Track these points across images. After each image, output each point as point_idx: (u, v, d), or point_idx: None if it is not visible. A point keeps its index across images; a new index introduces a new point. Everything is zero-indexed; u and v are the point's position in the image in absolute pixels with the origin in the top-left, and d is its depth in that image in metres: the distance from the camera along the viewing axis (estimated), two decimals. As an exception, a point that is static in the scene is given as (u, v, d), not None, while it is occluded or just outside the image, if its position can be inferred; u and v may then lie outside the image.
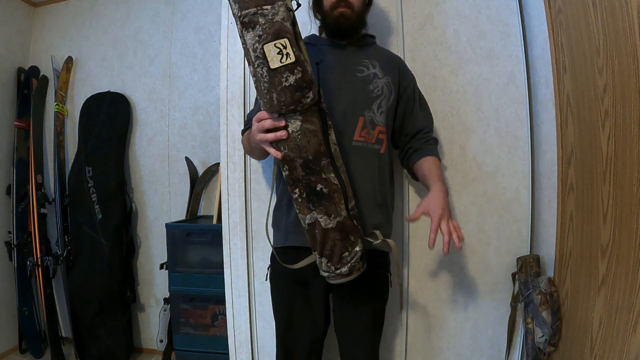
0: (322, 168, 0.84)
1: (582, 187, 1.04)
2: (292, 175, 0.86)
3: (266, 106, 0.82)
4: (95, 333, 1.91)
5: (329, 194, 0.85)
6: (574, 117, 1.07)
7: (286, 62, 0.77)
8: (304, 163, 0.83)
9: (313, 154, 0.83)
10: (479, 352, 1.32)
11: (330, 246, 0.86)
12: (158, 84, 2.06)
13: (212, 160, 1.97)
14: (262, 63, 0.78)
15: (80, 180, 1.98)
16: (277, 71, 0.78)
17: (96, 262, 1.92)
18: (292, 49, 0.77)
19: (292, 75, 0.78)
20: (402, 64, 1.12)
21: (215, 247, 1.62)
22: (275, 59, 0.77)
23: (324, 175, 0.84)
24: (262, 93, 0.81)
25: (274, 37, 0.77)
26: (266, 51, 0.77)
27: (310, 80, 0.80)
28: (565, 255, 1.13)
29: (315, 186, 0.84)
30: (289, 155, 0.84)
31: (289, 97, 0.79)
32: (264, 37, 0.77)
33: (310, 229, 0.88)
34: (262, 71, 0.79)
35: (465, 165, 1.31)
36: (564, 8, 1.09)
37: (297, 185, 0.86)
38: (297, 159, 0.83)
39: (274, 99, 0.80)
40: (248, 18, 0.78)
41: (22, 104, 2.11)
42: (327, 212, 0.85)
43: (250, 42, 0.78)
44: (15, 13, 2.16)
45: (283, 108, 0.80)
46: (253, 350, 1.36)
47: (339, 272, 0.88)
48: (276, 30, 0.77)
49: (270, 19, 0.77)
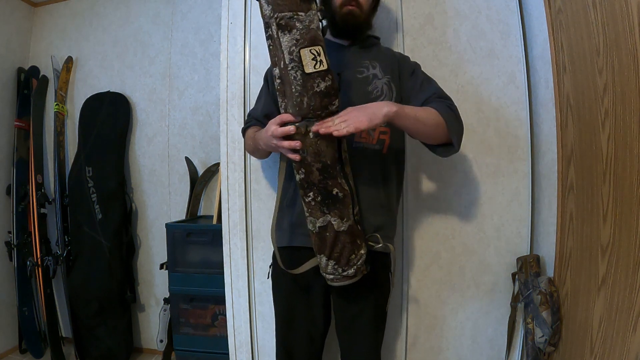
0: (338, 173, 0.87)
1: (582, 187, 1.04)
2: (307, 179, 0.87)
3: (295, 108, 0.84)
4: (95, 333, 1.91)
5: (343, 198, 0.87)
6: (574, 117, 1.07)
7: (319, 68, 0.80)
8: (323, 167, 0.85)
9: (331, 159, 0.85)
10: (479, 352, 1.32)
11: (340, 249, 0.89)
12: (158, 84, 2.06)
13: (212, 160, 1.97)
14: (297, 66, 0.80)
15: (80, 180, 1.98)
16: (311, 76, 0.80)
17: (96, 262, 1.92)
18: (325, 57, 0.81)
19: (323, 82, 0.81)
20: (403, 58, 1.10)
21: (215, 247, 1.62)
22: (310, 64, 0.80)
23: (339, 180, 0.87)
24: (291, 95, 0.83)
25: (310, 43, 0.80)
26: (302, 55, 0.80)
27: (337, 89, 0.84)
28: (565, 255, 1.13)
29: (332, 190, 0.86)
30: (307, 159, 0.85)
31: (318, 103, 0.82)
32: (301, 42, 0.80)
33: (321, 231, 0.89)
34: (295, 74, 0.81)
35: (465, 165, 1.31)
36: (564, 8, 1.09)
37: (311, 188, 0.87)
38: (315, 163, 0.85)
39: (304, 102, 0.82)
40: (284, 21, 0.80)
41: (22, 104, 2.11)
42: (341, 216, 0.87)
43: (286, 44, 0.80)
44: (15, 13, 2.15)
45: (311, 112, 0.83)
46: (253, 350, 1.36)
47: (345, 274, 0.90)
48: (312, 37, 0.80)
49: (307, 25, 0.80)
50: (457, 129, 0.94)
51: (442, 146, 0.98)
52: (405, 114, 0.86)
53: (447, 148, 0.97)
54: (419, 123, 0.90)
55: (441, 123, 0.91)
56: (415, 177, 1.32)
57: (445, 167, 1.30)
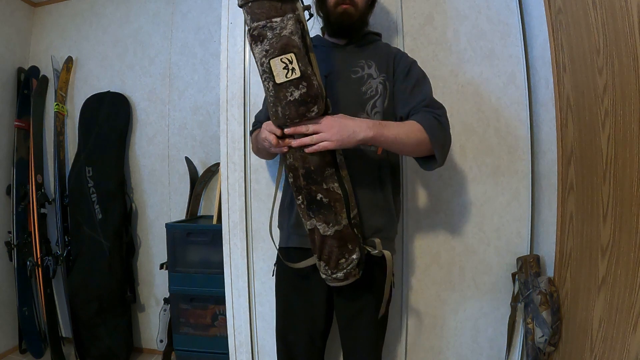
0: (325, 178, 0.86)
1: (582, 187, 1.04)
2: (295, 183, 0.88)
3: (272, 118, 0.84)
4: (95, 333, 1.91)
5: (328, 204, 0.86)
6: (574, 117, 1.07)
7: (291, 77, 0.78)
8: (306, 173, 0.85)
9: (316, 164, 0.85)
10: (479, 352, 1.32)
11: (328, 252, 0.89)
12: (158, 84, 2.06)
13: (212, 160, 1.97)
14: (269, 77, 0.80)
15: (80, 180, 1.98)
16: (282, 86, 0.79)
17: (96, 262, 1.92)
18: (298, 64, 0.78)
19: (297, 90, 0.79)
20: (399, 54, 1.06)
21: (215, 247, 1.62)
22: (281, 74, 0.78)
23: (325, 186, 0.86)
24: (269, 105, 0.84)
25: (281, 51, 0.78)
26: (272, 66, 0.78)
27: (316, 95, 0.80)
28: (565, 255, 1.13)
29: (315, 195, 0.86)
30: (294, 164, 0.86)
31: (294, 111, 0.80)
32: (271, 52, 0.78)
33: (311, 234, 0.91)
34: (268, 85, 0.81)
35: (465, 165, 1.31)
36: (564, 8, 1.09)
37: (300, 192, 0.88)
38: (300, 168, 0.85)
39: (279, 112, 0.82)
40: (257, 31, 0.79)
41: (22, 104, 2.11)
42: (326, 221, 0.87)
43: (257, 56, 0.80)
44: (15, 13, 2.15)
45: (288, 121, 0.82)
46: (253, 350, 1.36)
47: (334, 277, 0.90)
48: (283, 45, 0.77)
49: (278, 32, 0.78)
50: (442, 142, 0.90)
51: (426, 158, 0.95)
52: (384, 137, 0.85)
53: (430, 161, 0.94)
54: (398, 144, 0.87)
55: (423, 140, 0.87)
56: (414, 177, 1.32)
57: (445, 167, 1.30)
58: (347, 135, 0.81)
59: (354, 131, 0.82)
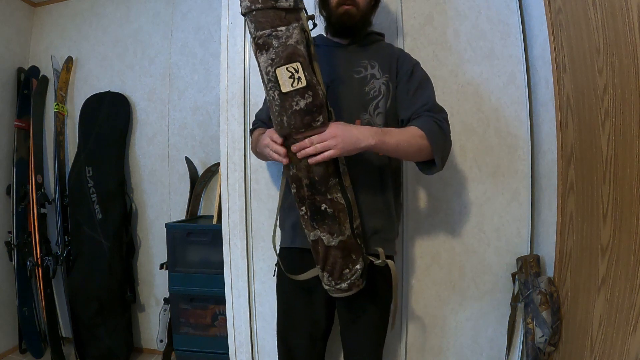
0: (329, 188, 0.85)
1: (582, 187, 1.04)
2: (299, 194, 0.87)
3: (277, 128, 0.84)
4: (95, 333, 1.91)
5: (333, 214, 0.86)
6: (574, 117, 1.07)
7: (297, 86, 0.78)
8: (310, 184, 0.85)
9: (320, 175, 0.84)
10: (479, 352, 1.32)
11: (332, 263, 0.88)
12: (158, 84, 2.06)
13: (212, 160, 1.97)
14: (274, 86, 0.79)
15: (80, 180, 1.98)
16: (288, 95, 0.78)
17: (96, 262, 1.92)
18: (304, 73, 0.78)
19: (302, 99, 0.79)
20: (402, 55, 1.06)
21: (215, 247, 1.62)
22: (287, 83, 0.78)
23: (329, 196, 0.86)
24: (274, 114, 0.83)
25: (287, 60, 0.77)
26: (278, 75, 0.78)
27: (321, 104, 0.80)
28: (565, 255, 1.13)
29: (319, 206, 0.86)
30: (297, 175, 0.85)
31: (299, 121, 0.80)
32: (277, 61, 0.77)
33: (314, 245, 0.90)
34: (273, 94, 0.80)
35: (465, 165, 1.31)
36: (564, 8, 1.09)
37: (303, 203, 0.87)
38: (304, 179, 0.85)
39: (284, 121, 0.81)
40: (262, 40, 0.78)
41: (22, 104, 2.11)
42: (330, 232, 0.87)
43: (263, 64, 0.79)
44: (15, 13, 2.15)
45: (293, 131, 0.82)
46: (253, 350, 1.36)
47: (338, 287, 0.90)
48: (289, 54, 0.77)
49: (284, 41, 0.77)
50: (443, 148, 0.91)
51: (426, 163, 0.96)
52: (386, 145, 0.85)
53: (430, 166, 0.95)
54: (399, 150, 0.88)
55: (425, 146, 0.88)
56: (415, 178, 1.32)
57: (445, 167, 1.29)
58: (351, 143, 0.82)
59: (357, 139, 0.82)
